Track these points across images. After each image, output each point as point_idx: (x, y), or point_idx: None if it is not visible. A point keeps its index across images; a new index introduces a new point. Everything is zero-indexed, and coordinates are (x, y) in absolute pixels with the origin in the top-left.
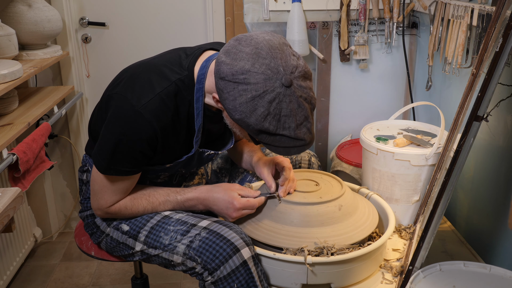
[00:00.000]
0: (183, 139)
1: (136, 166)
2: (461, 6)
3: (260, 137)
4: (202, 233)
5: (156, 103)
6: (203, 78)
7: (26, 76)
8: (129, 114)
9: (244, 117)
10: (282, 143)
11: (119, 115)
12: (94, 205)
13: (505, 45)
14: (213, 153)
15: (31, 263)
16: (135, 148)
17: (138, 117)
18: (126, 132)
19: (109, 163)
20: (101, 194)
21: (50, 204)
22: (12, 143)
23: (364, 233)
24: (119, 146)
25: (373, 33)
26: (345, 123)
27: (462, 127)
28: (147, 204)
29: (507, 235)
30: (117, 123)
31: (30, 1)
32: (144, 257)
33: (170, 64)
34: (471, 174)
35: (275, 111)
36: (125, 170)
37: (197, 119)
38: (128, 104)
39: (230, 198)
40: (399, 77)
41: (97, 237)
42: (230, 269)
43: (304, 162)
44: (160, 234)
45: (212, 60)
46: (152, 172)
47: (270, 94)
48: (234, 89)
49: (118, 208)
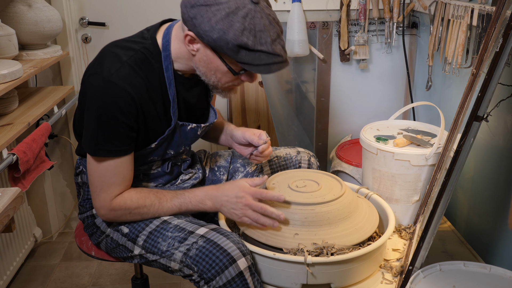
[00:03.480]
0: (162, 111)
1: (125, 143)
2: (461, 6)
3: (240, 55)
4: (199, 241)
5: (125, 70)
6: (168, 44)
7: (26, 76)
8: (102, 86)
9: (223, 34)
10: (262, 60)
11: (94, 93)
12: (97, 204)
13: (505, 45)
14: (195, 127)
15: (31, 263)
16: (117, 119)
17: (111, 86)
18: (103, 105)
19: (97, 143)
20: (100, 186)
21: (50, 204)
22: (12, 143)
23: (364, 235)
24: (101, 121)
25: (373, 33)
26: (345, 123)
27: (462, 127)
28: (154, 198)
29: (507, 235)
30: (93, 100)
31: (30, 1)
32: (143, 261)
33: (132, 38)
34: (471, 174)
35: (250, 26)
36: (115, 150)
37: (170, 88)
38: (99, 78)
39: (241, 185)
40: (399, 77)
41: (97, 237)
42: (226, 280)
43: (304, 162)
44: (158, 240)
45: (173, 26)
46: (142, 160)
47: (242, 10)
48: (208, 11)
49: (123, 201)
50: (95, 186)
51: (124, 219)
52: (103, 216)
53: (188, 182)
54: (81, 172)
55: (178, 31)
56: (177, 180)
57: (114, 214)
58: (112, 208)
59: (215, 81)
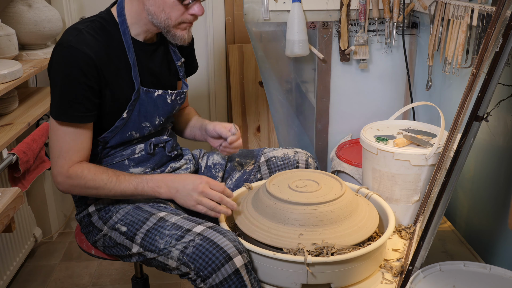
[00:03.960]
0: (126, 76)
1: (88, 108)
2: (461, 6)
3: None
4: (196, 239)
5: (83, 36)
6: (122, 10)
7: (26, 76)
8: (62, 52)
9: None
10: None
11: (56, 60)
12: (54, 170)
13: (505, 45)
14: (163, 93)
15: (31, 263)
16: (79, 80)
17: (70, 50)
18: (65, 69)
19: (60, 106)
20: (59, 152)
21: (50, 204)
22: (12, 143)
23: (364, 235)
24: (63, 83)
25: (373, 33)
26: (345, 123)
27: (462, 127)
28: (112, 174)
29: (507, 235)
30: (57, 67)
31: (30, 1)
32: (141, 259)
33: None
34: (471, 174)
35: None
36: (77, 115)
37: (129, 53)
38: (59, 47)
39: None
40: (399, 77)
41: (93, 236)
42: (222, 277)
43: (301, 162)
44: (156, 238)
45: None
46: (121, 138)
47: None
48: None
49: (80, 169)
50: (54, 152)
51: (79, 191)
52: (59, 184)
53: (179, 171)
54: None
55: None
56: (167, 167)
57: (70, 182)
58: (69, 175)
59: (166, 19)
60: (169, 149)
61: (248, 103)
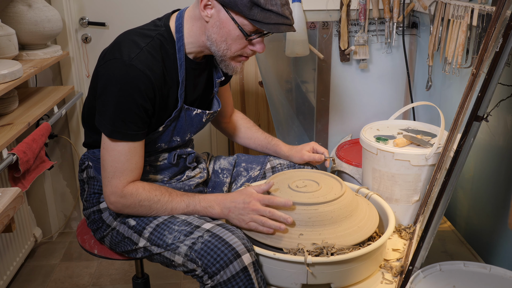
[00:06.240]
0: (173, 93)
1: (140, 127)
2: (461, 6)
3: (253, 12)
4: (205, 235)
5: (144, 55)
6: (181, 26)
7: (26, 76)
8: (123, 70)
9: None
10: (272, 19)
11: (113, 76)
12: (108, 190)
13: (505, 45)
14: (201, 113)
15: (31, 263)
16: (136, 101)
17: (132, 69)
18: (124, 87)
19: (114, 125)
20: (113, 172)
21: (50, 204)
22: (12, 143)
23: (364, 235)
24: (121, 104)
25: (373, 33)
26: (345, 123)
27: (462, 127)
28: (165, 191)
29: (507, 235)
30: (113, 83)
31: (30, 1)
32: (146, 255)
33: (146, 26)
34: (471, 174)
35: None
36: (131, 134)
37: (180, 70)
38: (119, 62)
39: (248, 191)
40: (399, 77)
41: (101, 232)
42: (230, 274)
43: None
44: (165, 233)
45: (185, 11)
46: (150, 148)
47: None
48: None
49: (135, 188)
50: (108, 172)
51: (131, 210)
52: (112, 204)
53: (193, 180)
54: (87, 167)
55: (190, 10)
56: (183, 176)
57: (124, 202)
58: (123, 194)
59: (225, 50)
60: (189, 161)
61: (248, 103)
